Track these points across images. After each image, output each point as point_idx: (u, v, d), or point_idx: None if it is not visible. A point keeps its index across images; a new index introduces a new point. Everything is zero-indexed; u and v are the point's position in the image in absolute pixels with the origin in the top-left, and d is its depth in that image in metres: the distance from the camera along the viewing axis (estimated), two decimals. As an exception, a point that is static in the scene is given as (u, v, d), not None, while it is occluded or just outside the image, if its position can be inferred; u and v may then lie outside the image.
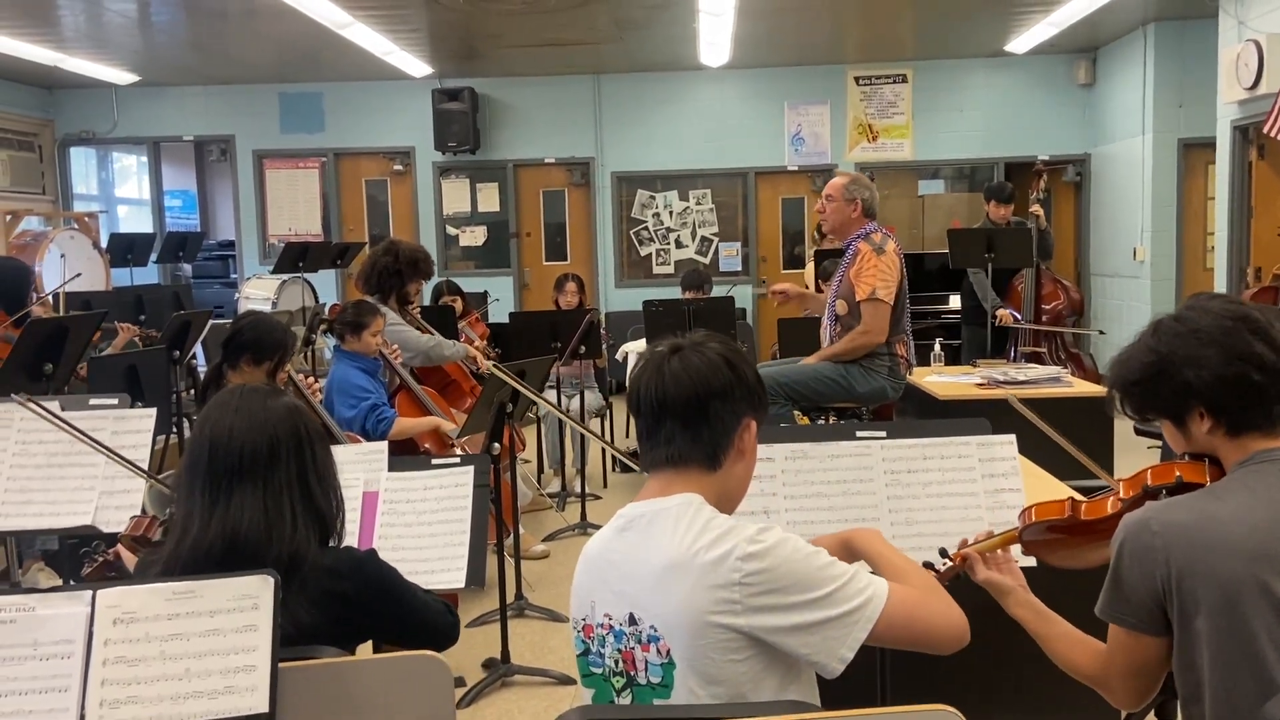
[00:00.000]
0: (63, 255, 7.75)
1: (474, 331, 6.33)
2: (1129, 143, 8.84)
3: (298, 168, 10.19)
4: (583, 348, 5.73)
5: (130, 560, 2.00)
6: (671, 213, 10.08)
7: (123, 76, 9.38)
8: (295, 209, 10.22)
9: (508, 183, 10.07)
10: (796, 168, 9.95)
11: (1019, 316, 6.85)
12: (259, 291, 8.85)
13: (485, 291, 8.52)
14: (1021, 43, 8.86)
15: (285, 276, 8.60)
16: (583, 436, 6.20)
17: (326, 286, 9.75)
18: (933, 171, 10.12)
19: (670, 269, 10.00)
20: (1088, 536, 1.76)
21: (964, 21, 8.22)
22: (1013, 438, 2.43)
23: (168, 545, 1.73)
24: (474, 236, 10.20)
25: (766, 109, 9.85)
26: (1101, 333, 8.29)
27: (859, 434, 2.47)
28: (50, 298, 6.45)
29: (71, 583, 3.17)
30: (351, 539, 2.47)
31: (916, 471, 2.42)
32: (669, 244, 10.13)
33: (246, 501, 1.69)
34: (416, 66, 9.15)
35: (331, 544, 1.80)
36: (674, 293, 8.24)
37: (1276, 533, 1.49)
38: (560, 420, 6.01)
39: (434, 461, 2.64)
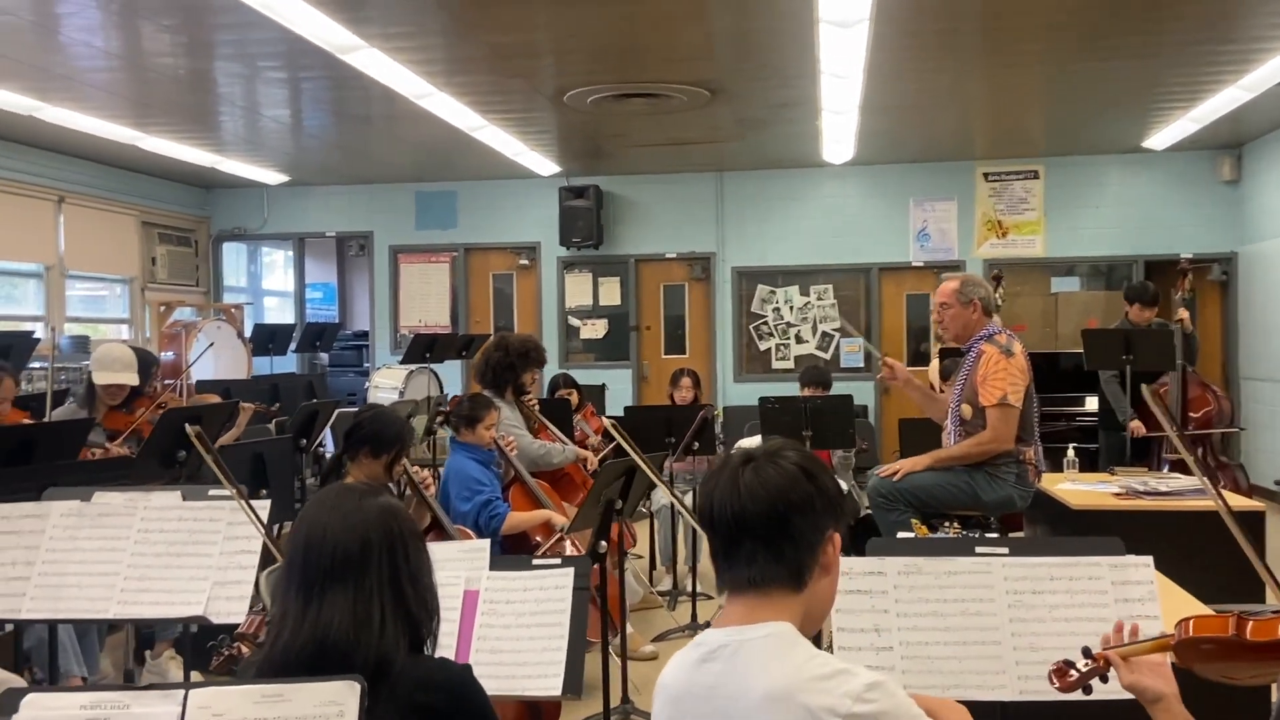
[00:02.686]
0: (211, 344, 8.20)
1: (589, 425, 6.35)
2: (1280, 240, 8.39)
3: (430, 262, 10.60)
4: (696, 444, 5.68)
5: None
6: (792, 308, 10.02)
7: (273, 177, 10.00)
8: (426, 301, 10.61)
9: (629, 277, 10.22)
10: (922, 263, 9.78)
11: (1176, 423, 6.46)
12: (388, 381, 9.14)
13: (603, 384, 8.59)
14: (1160, 139, 8.57)
15: (413, 367, 8.87)
16: (695, 532, 6.10)
17: (452, 377, 10.01)
18: (1067, 268, 9.80)
19: (790, 364, 9.90)
20: (1251, 656, 1.60)
21: (1099, 118, 8.02)
22: (1149, 560, 2.26)
23: (264, 646, 1.73)
24: (595, 329, 10.35)
25: (891, 205, 9.77)
26: (1242, 429, 7.73)
27: (978, 550, 2.33)
28: (193, 380, 6.80)
29: (193, 673, 3.22)
30: (450, 638, 2.44)
31: (1042, 593, 2.26)
32: (789, 339, 10.05)
33: (337, 603, 1.66)
34: (544, 165, 9.46)
35: (426, 650, 1.76)
36: (792, 388, 8.13)
37: None
38: (673, 515, 5.93)
39: (534, 562, 2.60)
